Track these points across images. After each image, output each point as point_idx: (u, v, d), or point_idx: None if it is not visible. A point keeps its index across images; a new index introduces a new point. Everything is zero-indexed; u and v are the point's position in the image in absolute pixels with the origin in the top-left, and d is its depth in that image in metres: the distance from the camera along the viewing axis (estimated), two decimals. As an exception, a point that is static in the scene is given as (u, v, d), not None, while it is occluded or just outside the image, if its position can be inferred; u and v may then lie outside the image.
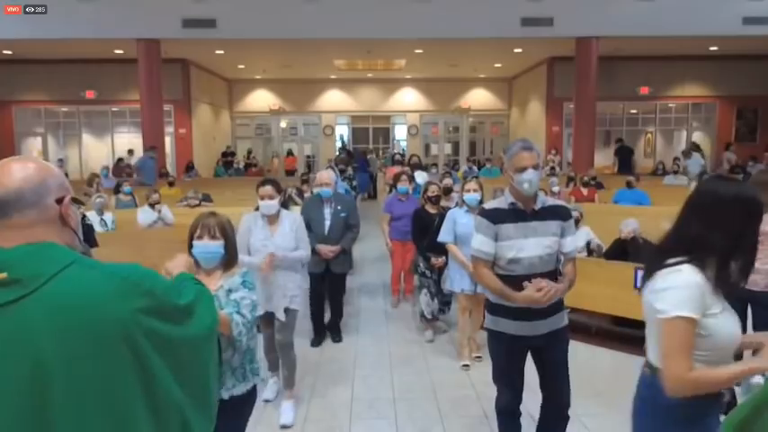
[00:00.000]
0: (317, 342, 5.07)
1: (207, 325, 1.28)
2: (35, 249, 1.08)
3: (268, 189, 3.72)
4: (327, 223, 4.89)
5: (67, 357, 1.01)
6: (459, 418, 3.75)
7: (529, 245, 2.64)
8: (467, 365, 4.54)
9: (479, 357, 4.61)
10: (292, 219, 3.85)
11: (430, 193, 5.37)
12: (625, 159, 12.95)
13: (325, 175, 4.96)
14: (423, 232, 5.15)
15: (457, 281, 4.55)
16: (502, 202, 2.74)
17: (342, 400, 4.01)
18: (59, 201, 1.15)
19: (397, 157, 12.03)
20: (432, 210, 5.30)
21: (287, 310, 3.72)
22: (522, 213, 2.67)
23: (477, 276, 2.82)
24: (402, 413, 3.82)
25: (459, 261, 4.47)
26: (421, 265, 5.23)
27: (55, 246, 1.11)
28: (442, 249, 4.87)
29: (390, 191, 6.42)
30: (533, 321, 2.68)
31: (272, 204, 3.71)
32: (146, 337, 1.08)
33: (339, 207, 4.94)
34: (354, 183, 9.57)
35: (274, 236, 3.71)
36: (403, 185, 6.23)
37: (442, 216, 5.00)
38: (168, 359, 1.12)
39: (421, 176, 8.91)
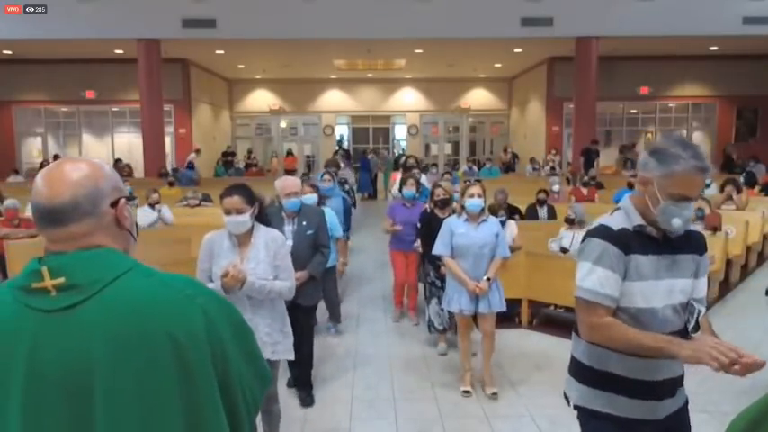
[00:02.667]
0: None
1: (262, 375, 1.22)
2: (94, 255, 1.06)
3: (235, 200, 2.80)
4: (289, 243, 3.75)
5: (115, 367, 1.00)
6: (459, 418, 3.75)
7: (662, 289, 1.79)
8: (467, 392, 4.07)
9: (495, 395, 4.00)
10: (271, 238, 2.90)
11: (437, 197, 4.89)
12: (589, 161, 13.04)
13: (292, 183, 3.96)
14: (432, 238, 4.59)
15: (455, 300, 4.00)
16: (624, 220, 1.82)
17: (342, 400, 4.01)
18: (114, 204, 1.12)
19: (404, 159, 10.59)
20: (441, 214, 4.79)
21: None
22: (653, 242, 1.81)
23: (597, 334, 1.77)
24: (402, 413, 3.82)
25: (458, 277, 3.96)
26: (430, 274, 4.80)
27: (113, 252, 1.09)
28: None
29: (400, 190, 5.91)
30: (660, 401, 1.84)
31: (240, 221, 2.81)
32: (200, 356, 1.04)
33: (304, 223, 3.94)
34: (347, 187, 8.58)
35: (244, 262, 2.81)
36: (409, 190, 5.63)
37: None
38: (219, 383, 1.07)
39: (423, 179, 8.38)
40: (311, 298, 4.00)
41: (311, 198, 4.93)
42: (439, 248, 4.07)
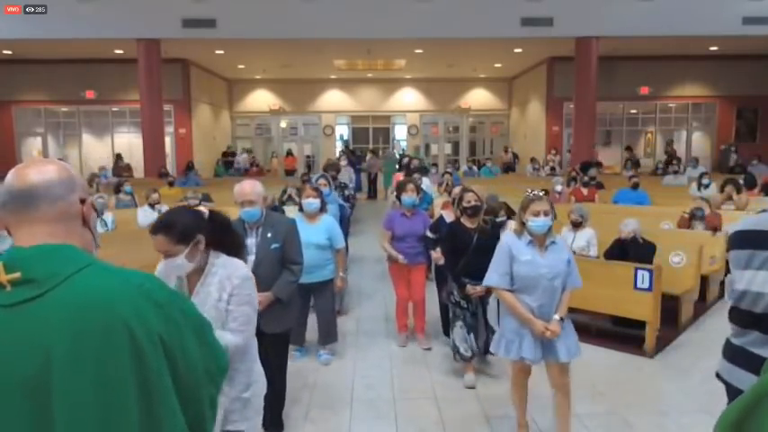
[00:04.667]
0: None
1: (221, 364, 1.26)
2: (52, 250, 1.08)
3: (159, 241, 2.14)
4: (251, 259, 3.30)
5: (73, 360, 1.00)
6: (460, 418, 3.75)
7: None
8: None
9: None
10: (228, 275, 2.20)
11: (466, 204, 4.14)
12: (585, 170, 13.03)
13: (249, 189, 3.32)
14: (457, 253, 4.08)
15: (514, 345, 3.09)
16: None
17: (342, 401, 4.01)
18: (82, 201, 1.18)
19: (406, 160, 9.67)
20: (469, 224, 4.13)
21: None
22: None
23: None
24: (402, 413, 3.81)
25: (521, 317, 3.05)
26: (455, 293, 4.17)
27: (72, 248, 1.11)
28: (480, 275, 3.60)
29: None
30: None
31: (174, 265, 2.15)
32: (154, 350, 1.06)
33: (269, 235, 3.38)
34: (347, 192, 7.76)
35: None
36: (409, 197, 4.91)
37: (484, 232, 4.08)
38: (176, 380, 1.10)
39: (425, 183, 7.99)
40: (278, 324, 3.36)
41: (313, 204, 4.47)
42: (493, 278, 3.12)
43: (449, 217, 4.78)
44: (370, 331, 5.43)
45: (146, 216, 7.20)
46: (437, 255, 4.63)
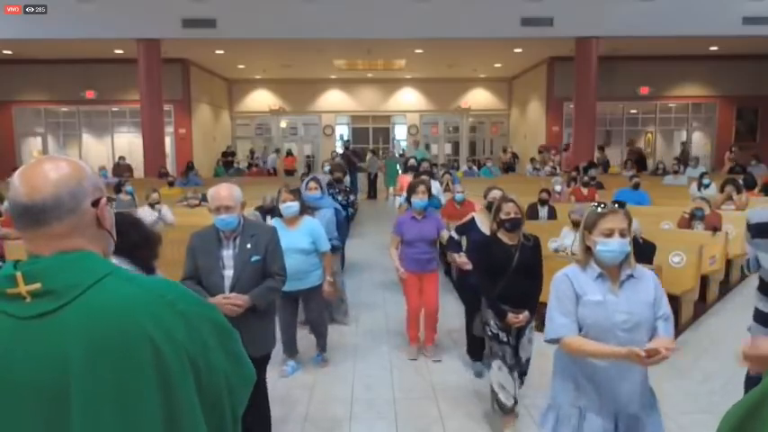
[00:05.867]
0: None
1: (247, 375, 1.22)
2: (71, 259, 1.05)
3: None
4: (228, 273, 2.97)
5: (92, 368, 0.98)
6: (460, 418, 3.75)
7: None
8: None
9: None
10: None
11: (504, 216, 3.47)
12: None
13: (225, 192, 2.97)
14: (494, 274, 3.47)
15: (590, 426, 2.20)
16: None
17: (342, 400, 4.01)
18: (95, 203, 1.10)
19: (412, 161, 9.39)
20: (507, 240, 3.50)
21: None
22: None
23: None
24: (402, 413, 3.82)
25: (604, 354, 2.13)
26: (491, 323, 3.49)
27: (92, 256, 1.08)
28: (522, 300, 3.40)
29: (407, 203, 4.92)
30: None
31: None
32: (177, 359, 1.03)
33: (248, 245, 2.99)
34: (352, 198, 7.29)
35: None
36: (420, 199, 4.61)
37: (525, 249, 3.50)
38: (199, 390, 1.07)
39: (434, 186, 7.38)
40: (255, 347, 2.76)
41: (292, 207, 4.19)
42: (563, 325, 2.16)
43: (481, 223, 4.28)
44: (371, 332, 5.42)
45: (146, 216, 7.19)
46: (462, 259, 4.27)
